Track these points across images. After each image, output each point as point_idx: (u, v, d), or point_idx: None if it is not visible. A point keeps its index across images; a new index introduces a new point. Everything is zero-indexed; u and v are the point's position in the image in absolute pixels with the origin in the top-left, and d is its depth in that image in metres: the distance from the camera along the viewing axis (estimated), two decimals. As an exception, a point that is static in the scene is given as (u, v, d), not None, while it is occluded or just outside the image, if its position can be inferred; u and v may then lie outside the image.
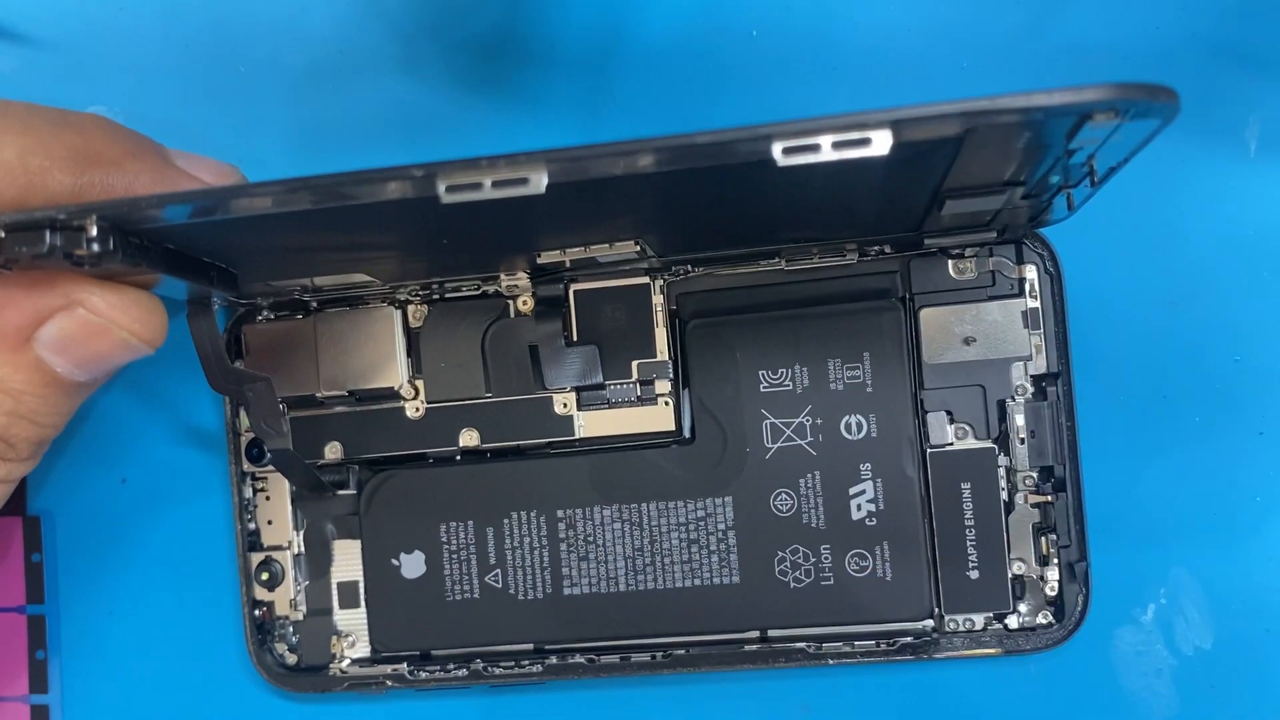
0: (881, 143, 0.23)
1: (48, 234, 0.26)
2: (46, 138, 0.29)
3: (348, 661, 0.41)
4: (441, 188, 0.25)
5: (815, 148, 0.24)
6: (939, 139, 0.25)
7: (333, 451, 0.40)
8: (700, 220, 0.34)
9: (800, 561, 0.38)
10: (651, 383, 0.38)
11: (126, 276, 0.31)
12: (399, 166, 0.25)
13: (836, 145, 0.24)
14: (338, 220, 0.28)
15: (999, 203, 0.31)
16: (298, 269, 0.36)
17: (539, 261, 0.36)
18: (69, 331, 0.30)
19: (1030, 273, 0.37)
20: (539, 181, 0.24)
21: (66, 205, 0.26)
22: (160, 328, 0.31)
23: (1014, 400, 0.37)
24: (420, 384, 0.39)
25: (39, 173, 0.29)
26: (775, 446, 0.38)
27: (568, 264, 0.37)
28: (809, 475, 0.38)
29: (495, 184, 0.24)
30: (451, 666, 0.40)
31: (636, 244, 0.35)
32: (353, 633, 0.41)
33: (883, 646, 0.38)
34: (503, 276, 0.38)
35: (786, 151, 0.24)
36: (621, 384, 0.38)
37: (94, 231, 0.26)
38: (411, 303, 0.39)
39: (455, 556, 0.39)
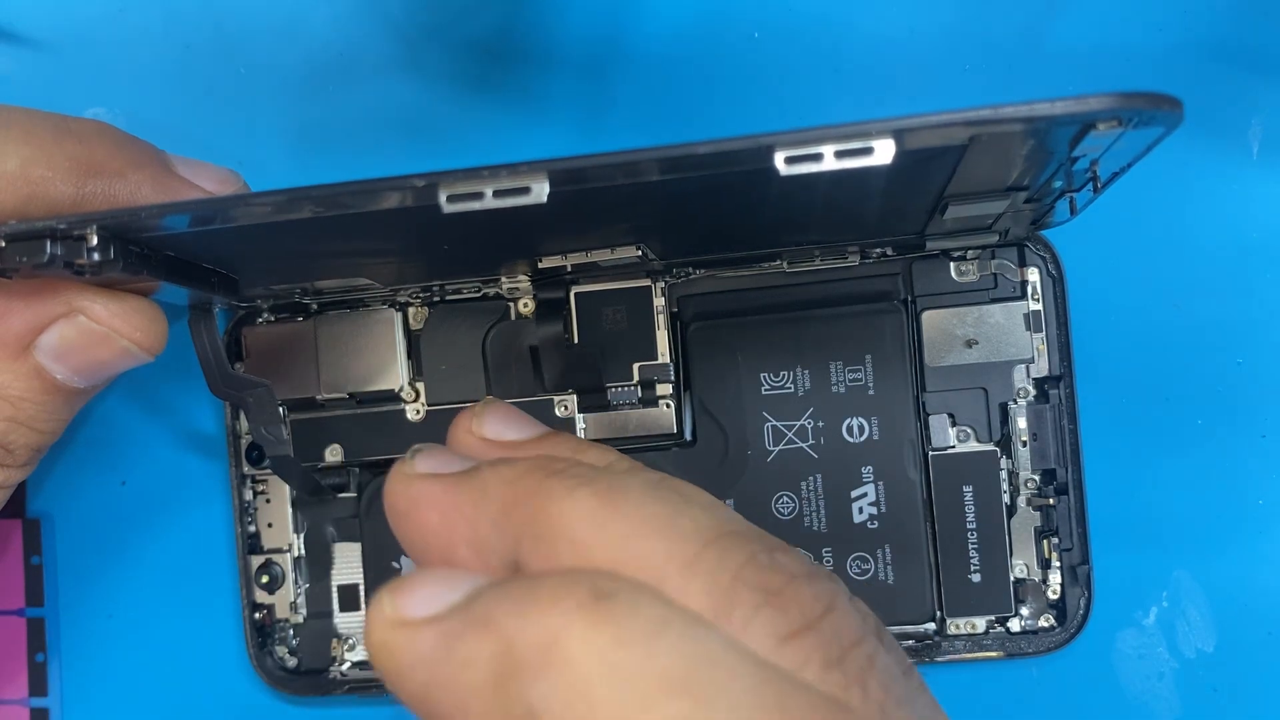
0: (884, 152, 0.23)
1: (48, 244, 0.26)
2: (49, 147, 0.29)
3: (348, 664, 0.41)
4: (443, 197, 0.25)
5: (818, 157, 0.23)
6: (942, 146, 0.25)
7: (333, 454, 0.39)
8: (702, 226, 0.34)
9: (802, 564, 0.38)
10: (653, 385, 0.38)
11: (127, 283, 0.31)
12: (400, 176, 0.25)
13: (839, 155, 0.23)
14: (338, 227, 0.28)
15: (1001, 207, 0.31)
16: (298, 274, 0.36)
17: (540, 266, 0.36)
18: (70, 339, 0.30)
19: (1033, 275, 0.37)
20: (540, 191, 0.24)
21: (67, 215, 0.26)
22: (161, 335, 0.31)
23: (1016, 403, 0.37)
24: (421, 386, 0.39)
25: (41, 183, 0.29)
26: (777, 449, 0.38)
27: (569, 268, 0.36)
28: (810, 478, 0.38)
29: (497, 194, 0.24)
30: (452, 669, 0.39)
31: (638, 249, 0.34)
32: (353, 635, 0.41)
33: (884, 650, 0.38)
34: (503, 279, 0.38)
35: (789, 161, 0.24)
36: (623, 386, 0.38)
37: (95, 241, 0.26)
38: (412, 305, 0.39)
39: (456, 559, 0.39)
